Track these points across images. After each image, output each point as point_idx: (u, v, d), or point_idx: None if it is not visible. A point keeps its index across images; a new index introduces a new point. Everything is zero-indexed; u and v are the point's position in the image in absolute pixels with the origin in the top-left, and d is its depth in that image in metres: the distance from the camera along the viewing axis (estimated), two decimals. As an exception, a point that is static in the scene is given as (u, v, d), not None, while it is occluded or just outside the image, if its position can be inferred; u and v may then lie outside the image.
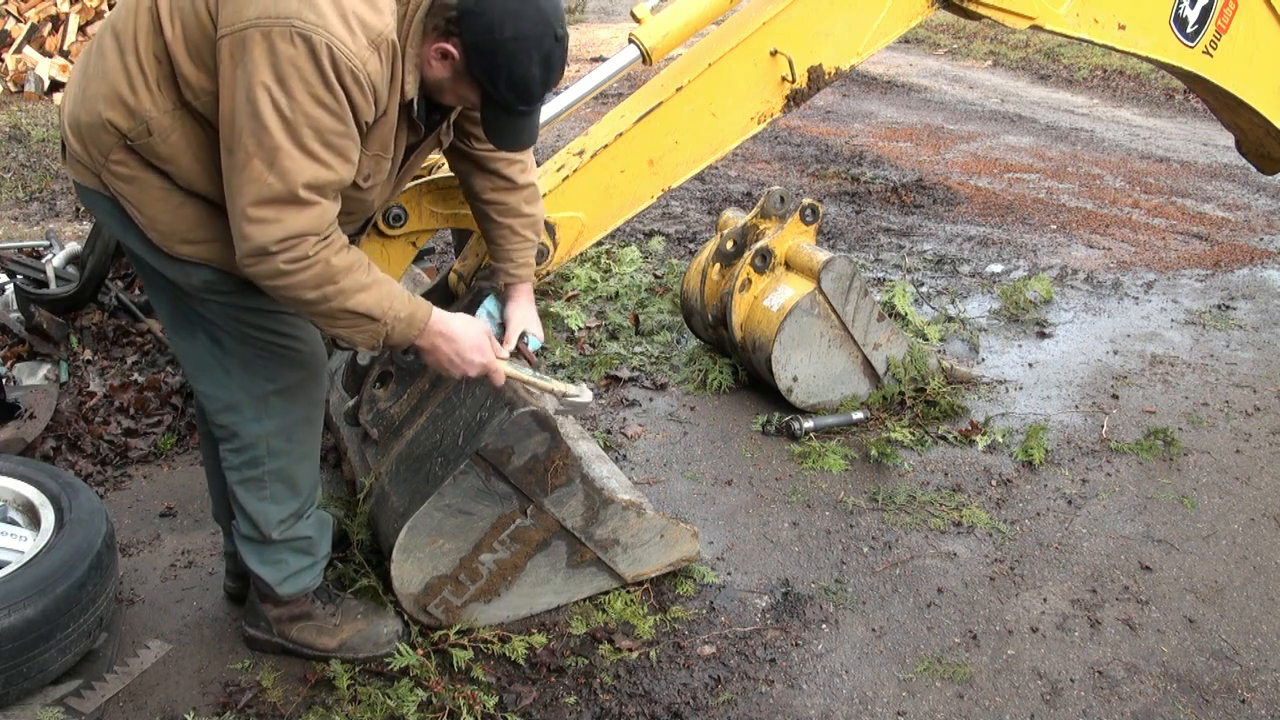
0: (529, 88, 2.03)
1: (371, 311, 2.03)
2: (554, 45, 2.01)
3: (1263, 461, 3.68)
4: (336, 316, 2.02)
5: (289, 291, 1.96)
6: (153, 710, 2.45)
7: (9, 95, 8.88)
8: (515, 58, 1.97)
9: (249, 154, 1.85)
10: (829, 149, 7.93)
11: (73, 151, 2.08)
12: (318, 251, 1.93)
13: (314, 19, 1.82)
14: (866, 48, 3.33)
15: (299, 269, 1.92)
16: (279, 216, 1.88)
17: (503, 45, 1.96)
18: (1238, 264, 5.68)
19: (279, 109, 1.83)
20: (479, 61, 1.99)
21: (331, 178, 1.92)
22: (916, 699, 2.54)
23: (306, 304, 1.99)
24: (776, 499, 3.38)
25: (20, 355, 4.02)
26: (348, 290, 1.98)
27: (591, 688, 2.53)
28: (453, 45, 1.98)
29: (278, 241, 1.89)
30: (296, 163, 1.86)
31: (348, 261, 1.98)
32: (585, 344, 4.43)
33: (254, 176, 1.86)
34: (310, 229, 1.91)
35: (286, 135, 1.84)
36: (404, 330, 2.11)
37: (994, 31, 12.24)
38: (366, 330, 2.07)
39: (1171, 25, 3.87)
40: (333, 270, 1.95)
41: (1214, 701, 2.56)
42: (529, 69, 1.99)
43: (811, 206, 3.91)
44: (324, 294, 1.97)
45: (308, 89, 1.84)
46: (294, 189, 1.87)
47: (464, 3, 1.95)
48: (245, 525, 2.44)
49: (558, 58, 2.03)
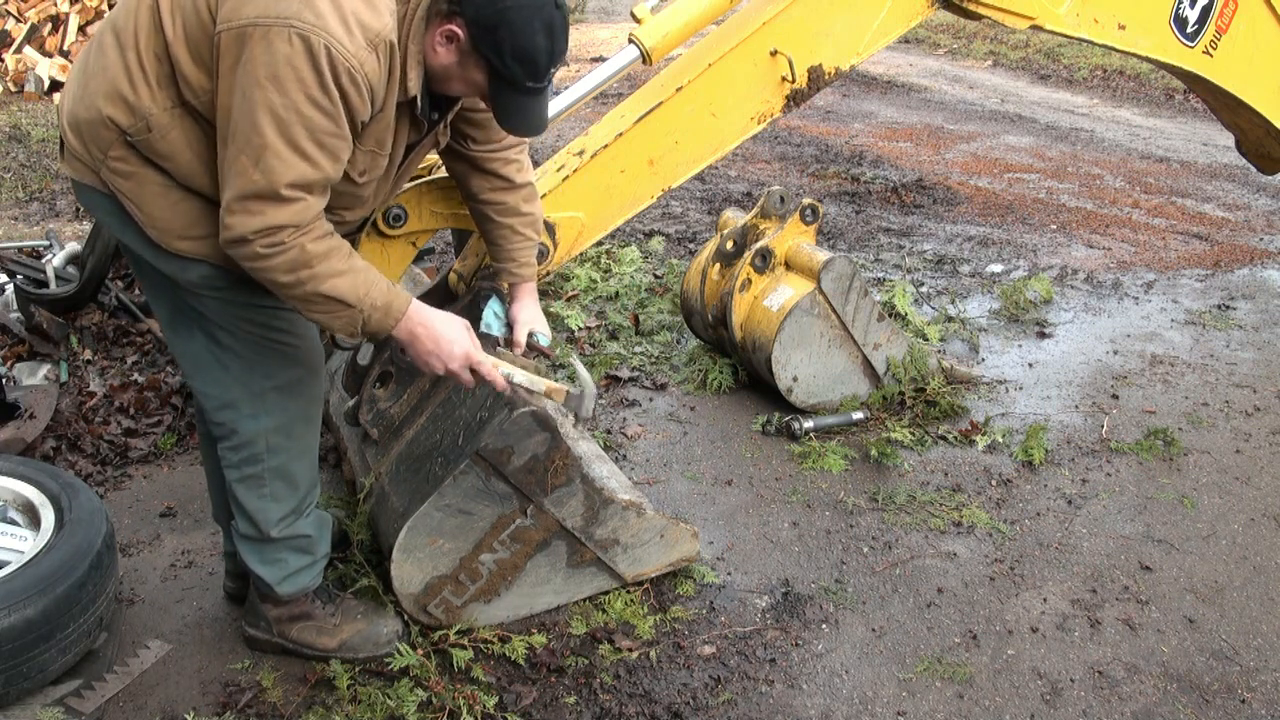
0: (535, 58, 2.04)
1: (346, 297, 2.05)
2: (554, 12, 2.03)
3: (1263, 461, 3.68)
4: (312, 300, 2.04)
5: (265, 274, 2.00)
6: (153, 710, 2.45)
7: (9, 95, 8.88)
8: (518, 26, 1.99)
9: (239, 149, 1.89)
10: (829, 149, 7.93)
11: (71, 148, 2.09)
12: (294, 238, 1.96)
13: (313, 19, 1.84)
14: (866, 48, 3.33)
15: (274, 253, 1.96)
16: (261, 209, 1.92)
17: (505, 14, 1.98)
18: (1238, 264, 5.68)
19: (273, 108, 1.86)
20: (483, 36, 2.00)
21: (318, 176, 1.95)
22: (916, 699, 2.54)
23: (282, 286, 2.02)
24: (776, 499, 3.38)
25: (20, 355, 4.02)
26: (321, 275, 2.01)
27: (591, 688, 2.53)
28: (457, 25, 2.01)
29: (255, 232, 1.93)
30: (284, 161, 1.89)
31: (324, 248, 2.01)
32: (585, 344, 4.43)
33: (240, 171, 1.90)
34: (291, 222, 1.95)
35: (278, 134, 1.87)
36: (380, 319, 2.12)
37: (994, 31, 12.24)
38: (343, 316, 2.08)
39: (1171, 25, 3.87)
40: (308, 255, 1.98)
41: (1214, 701, 2.56)
42: (533, 38, 2.01)
43: (811, 206, 3.91)
44: (298, 278, 1.99)
45: (303, 89, 1.86)
46: (277, 187, 1.91)
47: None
48: (245, 524, 2.44)
49: (559, 25, 2.05)
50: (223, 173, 1.95)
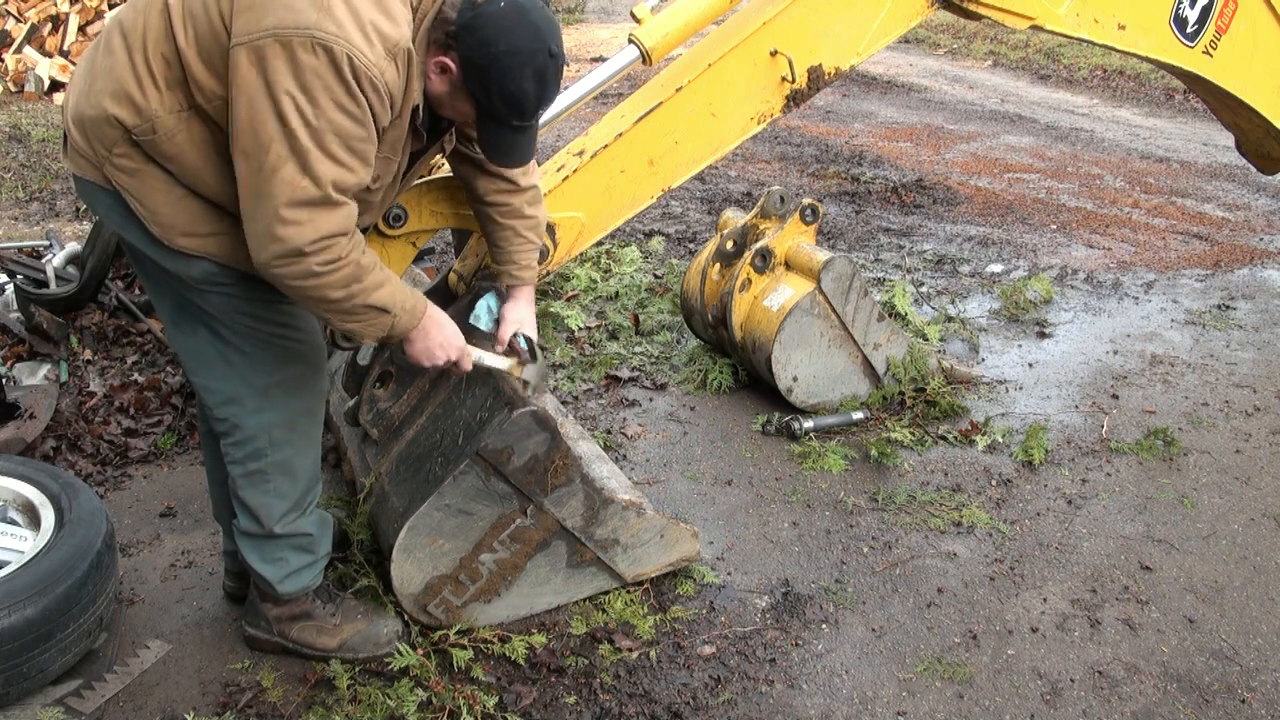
0: (522, 103, 2.10)
1: (388, 305, 2.12)
2: (547, 61, 2.07)
3: (1263, 461, 3.68)
4: (356, 312, 2.09)
5: (315, 292, 2.01)
6: (153, 710, 2.45)
7: (9, 95, 8.88)
8: (508, 72, 2.04)
9: (280, 159, 1.90)
10: (829, 149, 7.93)
11: (75, 144, 2.10)
12: (349, 253, 2.00)
13: (334, 29, 1.86)
14: (866, 48, 3.33)
15: (331, 270, 1.99)
16: (311, 218, 1.94)
17: (496, 60, 2.03)
18: (1238, 264, 5.68)
19: (305, 116, 1.88)
20: (473, 74, 2.05)
21: (353, 180, 1.98)
22: (916, 699, 2.54)
23: (329, 302, 2.05)
24: (776, 499, 3.38)
25: (20, 355, 4.02)
26: (370, 287, 2.06)
27: (591, 688, 2.53)
28: (450, 59, 2.05)
29: (312, 243, 1.94)
30: (325, 166, 1.92)
31: (370, 260, 2.07)
32: (585, 344, 4.44)
33: (287, 179, 1.91)
34: (340, 229, 1.97)
35: (313, 141, 1.90)
36: (407, 320, 2.19)
37: (994, 31, 12.24)
38: (379, 323, 2.14)
39: (1171, 25, 3.87)
40: (360, 270, 2.03)
41: (1214, 701, 2.56)
42: (522, 84, 2.06)
43: (811, 206, 3.91)
44: (350, 292, 2.04)
45: (331, 96, 1.88)
46: (326, 191, 1.93)
47: (462, 17, 2.02)
48: (247, 520, 2.44)
49: (551, 74, 2.10)
50: (257, 187, 1.93)
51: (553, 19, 2.10)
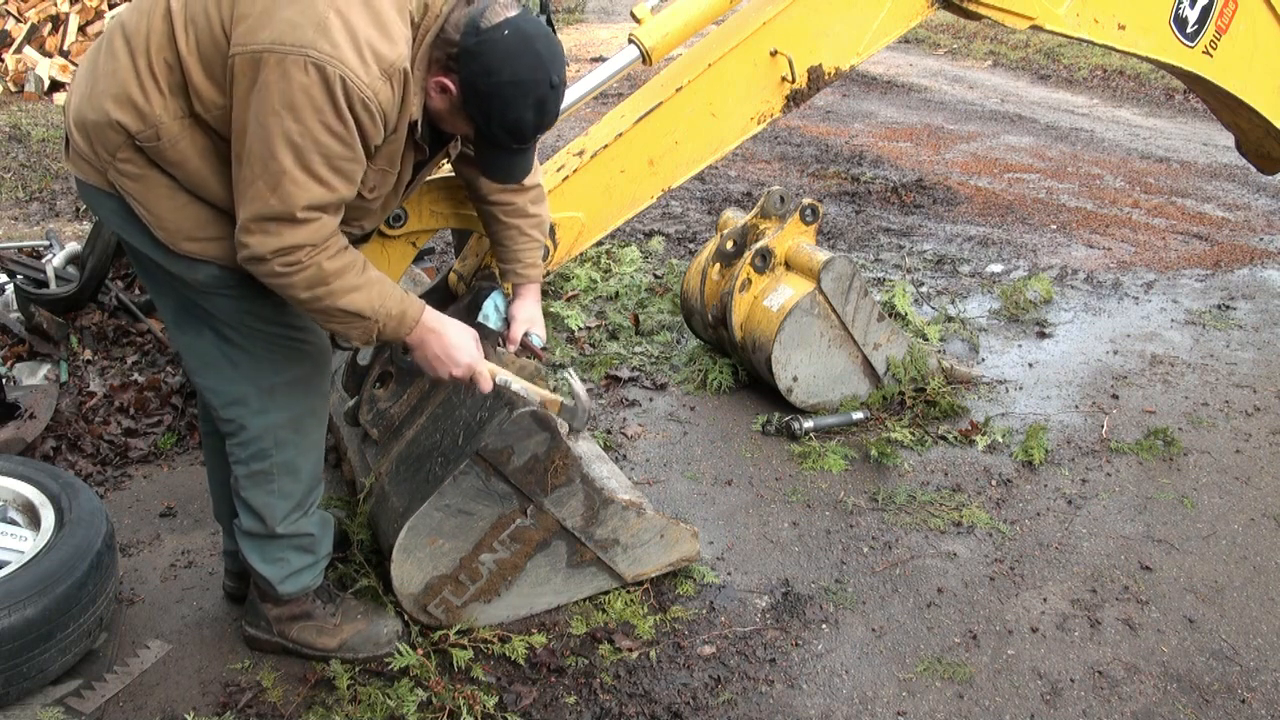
0: (521, 130, 2.11)
1: (362, 311, 2.10)
2: (548, 92, 2.08)
3: (1263, 461, 3.68)
4: (330, 314, 2.10)
5: (284, 290, 2.05)
6: (153, 710, 2.45)
7: (9, 95, 8.88)
8: (509, 102, 2.05)
9: (254, 174, 1.92)
10: (829, 149, 7.93)
11: (77, 148, 2.09)
12: (311, 258, 2.00)
13: (329, 50, 1.86)
14: (866, 48, 3.33)
15: (292, 272, 2.00)
16: (278, 230, 1.96)
17: (498, 89, 2.03)
18: (1238, 264, 5.68)
19: (289, 135, 1.88)
20: (474, 99, 2.06)
21: (333, 199, 1.99)
22: (916, 699, 2.54)
23: (301, 301, 2.07)
24: (776, 499, 3.38)
25: (20, 355, 4.02)
26: (338, 291, 2.05)
27: (591, 688, 2.53)
28: (451, 81, 2.05)
29: (273, 251, 1.97)
30: (300, 186, 1.92)
31: (341, 265, 2.04)
32: (585, 344, 4.44)
33: (257, 195, 1.93)
34: (307, 241, 1.98)
35: (295, 161, 1.90)
36: (395, 327, 2.18)
37: (994, 31, 12.24)
38: (359, 327, 2.14)
39: (1171, 25, 3.86)
40: (324, 273, 2.02)
41: (1214, 701, 2.56)
42: (522, 113, 2.07)
43: (811, 206, 3.91)
44: (316, 294, 2.04)
45: (319, 117, 1.88)
46: (293, 211, 1.94)
47: (465, 41, 2.01)
48: (249, 520, 2.44)
49: (551, 104, 2.11)
50: (238, 192, 1.97)
51: (556, 47, 2.10)
